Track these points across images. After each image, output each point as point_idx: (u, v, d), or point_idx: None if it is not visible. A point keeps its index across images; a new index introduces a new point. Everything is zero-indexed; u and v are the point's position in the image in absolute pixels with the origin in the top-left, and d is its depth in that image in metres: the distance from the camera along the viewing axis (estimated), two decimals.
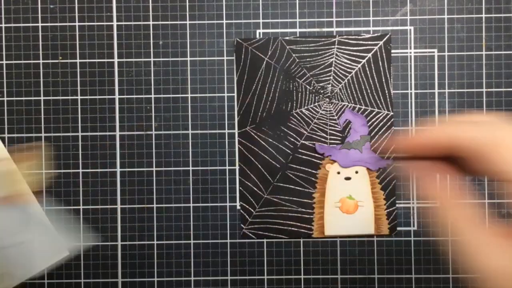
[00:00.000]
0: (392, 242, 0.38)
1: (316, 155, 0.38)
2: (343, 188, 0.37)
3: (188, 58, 0.37)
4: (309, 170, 0.38)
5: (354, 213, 0.37)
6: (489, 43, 0.37)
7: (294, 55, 0.37)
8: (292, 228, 0.38)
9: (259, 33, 0.38)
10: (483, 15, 0.37)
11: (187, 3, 0.38)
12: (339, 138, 0.37)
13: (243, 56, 0.37)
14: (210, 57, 0.37)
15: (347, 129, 0.37)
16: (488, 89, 0.37)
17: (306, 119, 0.37)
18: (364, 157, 0.37)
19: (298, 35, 0.38)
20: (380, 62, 0.37)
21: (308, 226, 0.38)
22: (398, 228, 0.38)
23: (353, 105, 0.37)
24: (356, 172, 0.37)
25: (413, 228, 0.38)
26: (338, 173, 0.37)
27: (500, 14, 0.37)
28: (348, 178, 0.37)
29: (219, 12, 0.38)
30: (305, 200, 0.38)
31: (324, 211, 0.37)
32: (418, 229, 0.38)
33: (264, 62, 0.37)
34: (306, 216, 0.38)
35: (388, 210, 0.37)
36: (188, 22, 0.38)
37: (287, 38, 0.37)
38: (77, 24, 0.38)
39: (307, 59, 0.37)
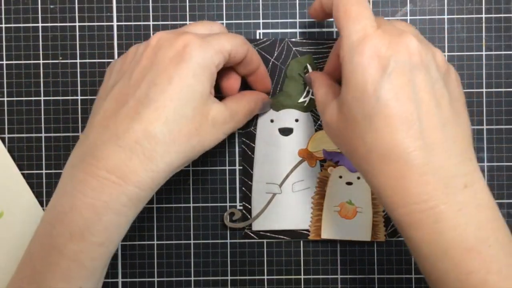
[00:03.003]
0: (392, 242, 0.38)
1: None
2: (344, 193, 0.37)
3: None
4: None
5: (352, 218, 0.37)
6: (489, 43, 0.37)
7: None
8: (291, 229, 0.38)
9: (259, 33, 0.38)
10: (483, 15, 0.37)
11: (187, 3, 0.38)
12: None
13: None
14: None
15: None
16: (488, 89, 0.37)
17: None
18: None
19: (298, 35, 0.38)
20: None
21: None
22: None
23: None
24: (358, 178, 0.37)
25: None
26: (340, 177, 0.37)
27: (500, 14, 0.37)
28: (349, 183, 0.37)
29: (219, 12, 0.38)
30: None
31: (323, 214, 0.37)
32: None
33: (270, 63, 0.37)
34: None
35: (386, 216, 0.37)
36: (188, 22, 0.38)
37: (293, 39, 0.37)
38: (77, 24, 0.38)
39: (314, 61, 0.37)
